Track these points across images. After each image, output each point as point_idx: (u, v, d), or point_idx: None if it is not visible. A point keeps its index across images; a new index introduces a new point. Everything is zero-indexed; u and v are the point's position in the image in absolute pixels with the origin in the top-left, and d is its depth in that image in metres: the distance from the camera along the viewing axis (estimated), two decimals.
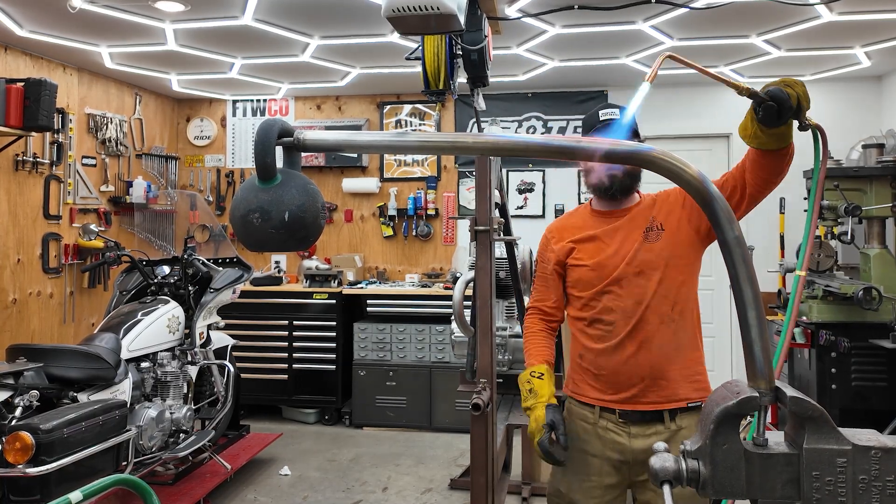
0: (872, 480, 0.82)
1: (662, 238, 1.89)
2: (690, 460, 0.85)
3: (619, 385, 1.89)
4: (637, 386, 1.87)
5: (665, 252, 1.88)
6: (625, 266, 1.89)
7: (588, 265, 1.95)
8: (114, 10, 3.71)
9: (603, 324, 1.92)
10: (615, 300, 1.90)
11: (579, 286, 1.98)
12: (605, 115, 1.95)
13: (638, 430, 1.87)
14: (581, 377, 1.99)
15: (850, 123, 5.28)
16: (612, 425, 1.90)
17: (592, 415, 1.94)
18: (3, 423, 2.66)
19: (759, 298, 0.84)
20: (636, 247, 1.90)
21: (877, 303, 3.73)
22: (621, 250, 1.91)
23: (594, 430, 1.93)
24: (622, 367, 1.88)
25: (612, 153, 0.91)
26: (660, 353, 1.87)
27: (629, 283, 1.88)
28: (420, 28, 2.55)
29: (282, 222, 1.01)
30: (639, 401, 1.87)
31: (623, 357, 1.88)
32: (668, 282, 1.87)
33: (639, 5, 3.53)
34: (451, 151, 1.01)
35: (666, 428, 1.86)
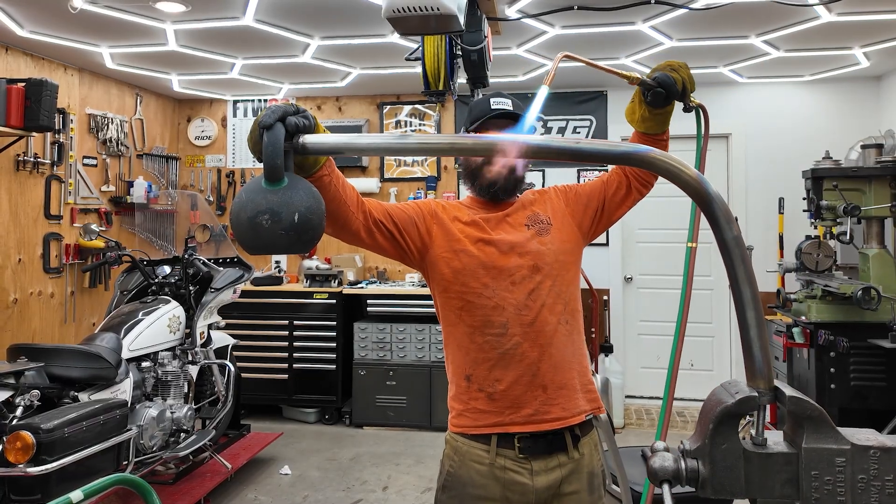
0: (871, 480, 0.82)
1: (551, 232, 1.73)
2: (689, 460, 0.86)
3: (520, 401, 1.63)
4: (539, 399, 1.63)
5: (555, 247, 1.71)
6: (517, 258, 1.67)
7: (473, 252, 1.68)
8: (114, 10, 3.71)
9: (494, 327, 1.65)
10: (507, 297, 1.65)
11: (459, 279, 1.67)
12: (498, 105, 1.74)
13: (540, 465, 1.63)
14: (470, 405, 1.68)
15: (848, 124, 5.29)
16: (511, 462, 1.63)
17: (488, 453, 1.64)
18: (4, 422, 2.66)
19: (758, 298, 0.84)
20: (527, 238, 1.70)
21: (876, 303, 3.74)
22: (509, 240, 1.70)
23: (490, 471, 1.63)
24: (523, 377, 1.64)
25: (610, 154, 0.92)
26: (561, 358, 1.66)
27: (522, 277, 1.66)
28: (420, 28, 2.56)
29: (291, 224, 1.01)
30: (542, 418, 1.63)
31: (524, 364, 1.64)
32: (560, 279, 1.70)
33: (639, 6, 3.54)
34: (451, 153, 1.01)
35: (570, 458, 1.65)
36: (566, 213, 1.78)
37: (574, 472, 1.66)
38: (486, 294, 1.66)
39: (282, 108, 1.07)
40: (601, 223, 1.81)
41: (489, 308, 1.65)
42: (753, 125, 5.45)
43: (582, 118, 5.69)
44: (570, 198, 1.81)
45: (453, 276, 1.68)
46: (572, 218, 1.78)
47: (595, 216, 1.79)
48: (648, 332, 5.76)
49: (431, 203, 1.79)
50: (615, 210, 1.79)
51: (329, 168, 1.45)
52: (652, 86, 1.56)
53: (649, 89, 1.57)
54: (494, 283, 1.66)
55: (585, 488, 1.66)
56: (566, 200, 1.81)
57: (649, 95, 1.58)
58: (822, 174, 4.08)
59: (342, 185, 1.52)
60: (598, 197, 1.79)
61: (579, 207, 1.79)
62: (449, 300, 1.71)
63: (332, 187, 1.48)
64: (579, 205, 1.79)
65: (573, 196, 1.81)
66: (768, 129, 5.44)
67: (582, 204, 1.79)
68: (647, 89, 1.58)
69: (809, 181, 4.16)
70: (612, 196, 1.78)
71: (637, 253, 5.76)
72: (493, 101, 1.75)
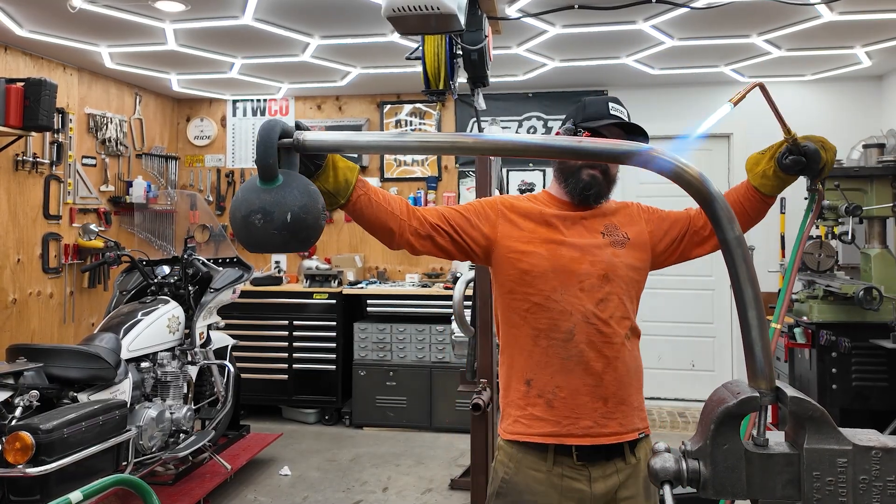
0: (873, 480, 0.82)
1: (627, 247, 1.68)
2: (691, 460, 0.85)
3: (579, 412, 1.59)
4: (599, 411, 1.60)
5: (627, 261, 1.66)
6: (589, 264, 1.62)
7: (542, 253, 1.63)
8: (114, 9, 3.71)
9: (560, 332, 1.60)
10: (576, 302, 1.60)
11: (527, 280, 1.63)
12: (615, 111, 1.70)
13: (598, 472, 1.61)
14: (527, 411, 1.63)
15: (850, 123, 5.28)
16: (569, 470, 1.60)
17: (545, 460, 1.61)
18: (3, 423, 2.66)
19: (760, 299, 0.84)
20: (601, 246, 1.65)
21: (877, 303, 3.73)
22: (582, 243, 1.65)
23: (548, 478, 1.60)
24: (585, 388, 1.60)
25: (613, 153, 0.91)
26: (626, 373, 1.63)
27: (592, 286, 1.62)
28: (420, 28, 2.55)
29: (284, 223, 1.00)
30: (600, 432, 1.60)
31: (588, 373, 1.60)
32: (628, 295, 1.66)
33: (639, 5, 3.53)
34: (451, 152, 1.01)
35: (627, 463, 1.63)
36: (644, 232, 1.73)
37: (631, 477, 1.64)
38: (553, 297, 1.61)
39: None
40: (675, 254, 1.75)
41: (556, 312, 1.61)
42: (755, 125, 5.43)
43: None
44: (653, 218, 1.76)
45: (520, 276, 1.64)
46: (650, 238, 1.73)
47: (672, 245, 1.73)
48: (649, 333, 5.72)
49: (499, 200, 1.73)
50: (693, 247, 1.73)
51: (363, 187, 1.44)
52: (800, 152, 1.51)
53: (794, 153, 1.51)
54: (563, 287, 1.61)
55: (642, 493, 1.65)
56: (647, 219, 1.76)
57: (789, 159, 1.52)
58: None
59: (384, 199, 1.50)
60: (680, 227, 1.73)
61: (659, 231, 1.74)
62: (514, 301, 1.66)
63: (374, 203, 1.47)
64: (660, 228, 1.74)
65: (656, 217, 1.76)
66: (770, 128, 5.37)
67: (662, 229, 1.74)
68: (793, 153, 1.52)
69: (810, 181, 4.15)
70: (695, 232, 1.72)
71: None
72: (611, 105, 1.71)
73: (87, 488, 1.81)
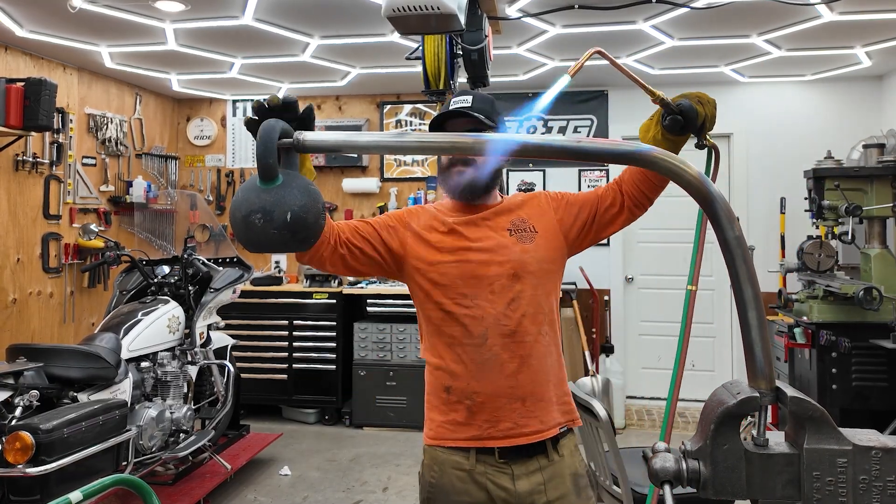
0: (873, 481, 0.82)
1: (536, 241, 1.68)
2: (691, 460, 0.85)
3: (499, 414, 1.61)
4: (517, 412, 1.61)
5: (538, 255, 1.67)
6: (497, 266, 1.63)
7: (450, 261, 1.64)
8: (114, 9, 3.71)
9: (473, 337, 1.62)
10: (486, 306, 1.62)
11: (437, 290, 1.65)
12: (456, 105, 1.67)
13: (521, 470, 1.62)
14: (449, 416, 1.65)
15: (850, 123, 5.28)
16: (492, 469, 1.62)
17: (467, 460, 1.62)
18: (3, 422, 2.66)
19: (760, 298, 0.84)
20: (508, 245, 1.66)
21: (877, 303, 3.73)
22: (488, 246, 1.66)
23: (470, 476, 1.62)
24: (502, 390, 1.60)
25: (612, 153, 0.91)
26: (540, 370, 1.63)
27: (501, 286, 1.62)
28: (420, 28, 2.56)
29: (284, 223, 1.01)
30: (520, 432, 1.61)
31: (503, 375, 1.61)
32: (541, 289, 1.66)
33: (639, 5, 3.53)
34: (451, 152, 1.01)
35: (550, 460, 1.64)
36: (554, 221, 1.73)
37: (556, 476, 1.64)
38: (464, 304, 1.63)
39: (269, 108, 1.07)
40: (588, 237, 1.75)
41: (468, 318, 1.62)
42: (755, 125, 5.44)
43: (583, 117, 5.68)
44: (561, 206, 1.76)
45: (431, 287, 1.66)
46: (559, 226, 1.73)
47: (584, 228, 1.74)
48: (649, 333, 5.75)
49: (403, 213, 1.75)
50: (605, 227, 1.74)
51: None
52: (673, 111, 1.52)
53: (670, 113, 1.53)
54: (473, 293, 1.62)
55: (571, 491, 1.65)
56: (555, 207, 1.76)
57: (668, 119, 1.54)
58: (824, 174, 4.07)
59: None
60: (589, 209, 1.73)
61: (568, 217, 1.74)
62: (428, 311, 1.68)
63: None
64: (569, 214, 1.74)
65: (564, 204, 1.76)
66: (770, 128, 5.43)
67: (572, 214, 1.74)
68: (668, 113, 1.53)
69: (811, 181, 4.16)
70: (605, 212, 1.72)
71: (638, 253, 5.75)
72: (454, 99, 1.70)
73: (87, 488, 1.81)
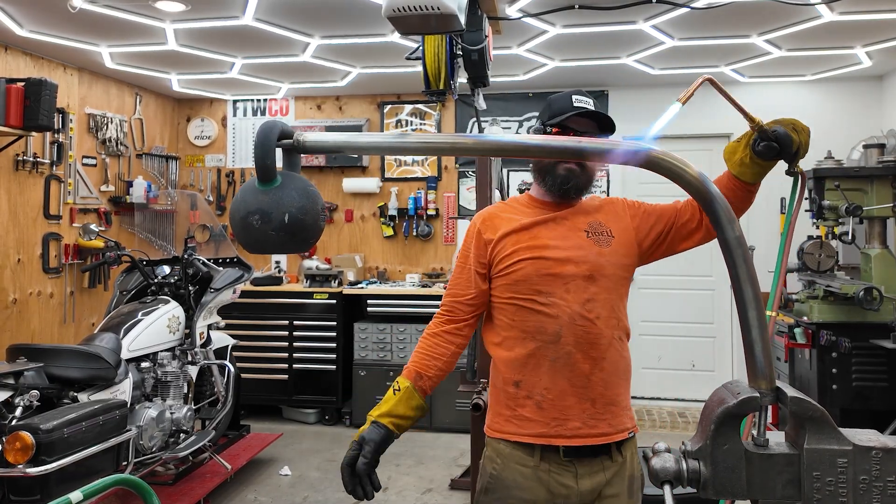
0: (873, 481, 0.82)
1: (612, 245, 1.68)
2: (691, 461, 0.85)
3: (567, 413, 1.61)
4: (587, 412, 1.61)
5: (614, 259, 1.67)
6: (573, 265, 1.64)
7: (527, 258, 1.66)
8: (114, 9, 3.71)
9: (547, 335, 1.62)
10: (561, 304, 1.62)
11: (515, 287, 1.67)
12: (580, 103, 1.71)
13: (585, 469, 1.62)
14: (517, 412, 1.65)
15: (850, 123, 5.28)
16: (556, 466, 1.62)
17: (532, 457, 1.63)
18: (4, 422, 2.66)
19: (760, 298, 0.84)
20: (585, 246, 1.66)
21: (878, 303, 3.73)
22: (565, 245, 1.66)
23: (534, 473, 1.62)
24: (572, 389, 1.61)
25: (612, 153, 0.91)
26: (613, 373, 1.64)
27: (577, 286, 1.63)
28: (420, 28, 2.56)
29: (282, 224, 1.01)
30: (588, 433, 1.61)
31: (575, 374, 1.61)
32: (615, 293, 1.67)
33: (639, 5, 3.53)
34: (452, 152, 1.01)
35: (613, 461, 1.64)
36: (630, 228, 1.73)
37: (617, 475, 1.65)
38: (539, 300, 1.64)
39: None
40: (661, 248, 1.75)
41: (543, 315, 1.63)
42: None
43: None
44: (638, 213, 1.76)
45: (508, 283, 1.68)
46: (635, 234, 1.73)
47: (658, 239, 1.73)
48: (649, 333, 5.75)
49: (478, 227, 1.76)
50: (680, 241, 1.73)
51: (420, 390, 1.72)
52: (770, 138, 1.50)
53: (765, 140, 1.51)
54: (549, 290, 1.63)
55: (625, 491, 1.66)
56: (633, 215, 1.75)
57: (761, 146, 1.51)
58: (824, 174, 4.07)
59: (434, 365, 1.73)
60: (666, 221, 1.72)
61: (644, 226, 1.74)
62: (502, 305, 1.70)
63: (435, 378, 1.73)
64: (645, 223, 1.74)
65: (641, 213, 1.76)
66: None
67: (648, 224, 1.73)
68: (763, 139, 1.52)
69: (811, 181, 4.16)
70: (682, 226, 1.71)
71: None
72: (574, 98, 1.72)
73: (88, 488, 1.81)
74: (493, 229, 1.73)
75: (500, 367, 1.70)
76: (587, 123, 1.71)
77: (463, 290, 1.74)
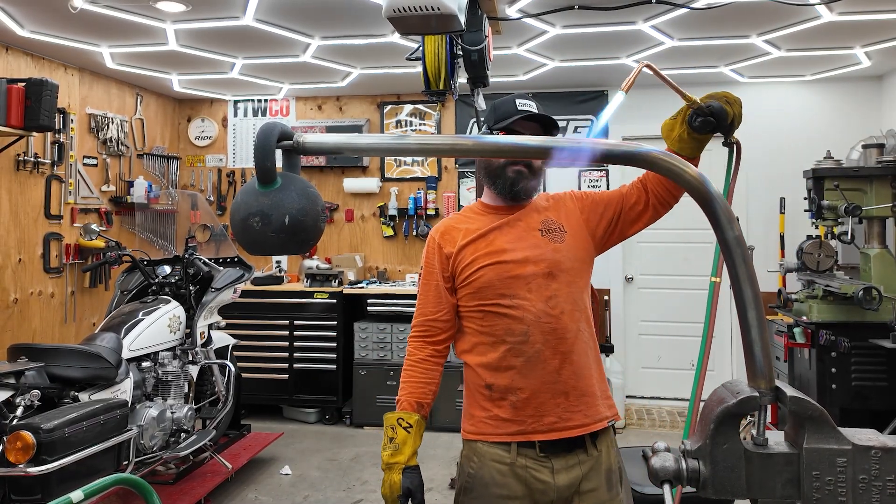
0: (872, 480, 0.82)
1: (566, 240, 1.73)
2: (690, 460, 0.85)
3: (542, 409, 1.65)
4: (561, 406, 1.65)
5: (570, 253, 1.71)
6: (532, 265, 1.68)
7: (487, 264, 1.69)
8: (115, 10, 3.71)
9: (515, 336, 1.66)
10: (525, 305, 1.66)
11: (479, 294, 1.70)
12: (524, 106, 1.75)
13: (560, 464, 1.65)
14: (492, 412, 1.69)
15: (850, 123, 5.28)
16: (532, 462, 1.65)
17: (508, 453, 1.66)
18: (5, 422, 2.66)
19: (760, 298, 0.84)
20: (541, 244, 1.71)
21: (877, 303, 3.73)
22: (522, 246, 1.70)
23: (512, 470, 1.65)
24: (545, 386, 1.65)
25: (612, 154, 0.92)
26: (582, 365, 1.68)
27: (539, 285, 1.67)
28: (420, 28, 2.56)
29: (282, 226, 1.01)
30: (564, 426, 1.65)
31: (546, 371, 1.65)
32: (575, 287, 1.71)
33: (639, 5, 3.53)
34: (452, 153, 1.01)
35: (589, 455, 1.67)
36: (580, 221, 1.78)
37: (593, 470, 1.67)
38: (504, 304, 1.68)
39: None
40: (613, 235, 1.79)
41: (510, 318, 1.67)
42: (754, 125, 5.44)
43: (583, 118, 5.69)
44: (587, 205, 1.80)
45: (472, 291, 1.72)
46: (586, 226, 1.78)
47: (609, 226, 1.78)
48: (649, 333, 5.76)
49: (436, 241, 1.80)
50: (630, 225, 1.77)
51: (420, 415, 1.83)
52: (705, 113, 1.56)
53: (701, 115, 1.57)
54: (512, 292, 1.67)
55: (604, 485, 1.68)
56: (581, 207, 1.80)
57: (698, 121, 1.57)
58: (824, 174, 4.07)
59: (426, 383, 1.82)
60: (614, 208, 1.77)
61: (594, 216, 1.78)
62: (470, 314, 1.74)
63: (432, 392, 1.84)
64: (594, 213, 1.78)
65: (589, 203, 1.80)
66: (769, 128, 5.44)
67: (598, 213, 1.78)
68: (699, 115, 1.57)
69: (810, 181, 4.16)
70: (629, 210, 1.76)
71: (638, 253, 5.76)
72: (518, 102, 1.76)
73: (88, 487, 1.82)
74: (452, 242, 1.77)
75: (472, 372, 1.75)
76: (532, 126, 1.75)
77: (434, 308, 1.79)
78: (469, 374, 1.77)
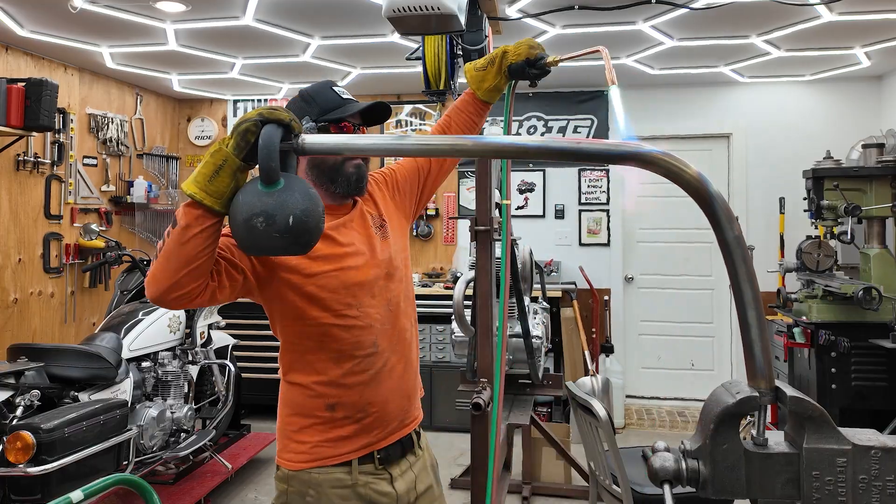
0: (872, 480, 0.82)
1: (391, 234, 1.63)
2: (690, 460, 0.85)
3: (389, 416, 1.56)
4: (403, 409, 1.60)
5: (398, 246, 1.63)
6: (375, 268, 1.55)
7: (329, 270, 1.49)
8: (115, 10, 3.71)
9: (365, 348, 1.52)
10: (372, 312, 1.53)
11: (316, 304, 1.48)
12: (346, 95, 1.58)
13: (397, 471, 1.59)
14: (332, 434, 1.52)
15: (850, 123, 5.28)
16: (372, 477, 1.54)
17: (349, 475, 1.52)
18: (5, 422, 2.66)
19: (759, 298, 0.84)
20: (376, 244, 1.58)
21: (877, 303, 3.73)
22: (362, 248, 1.55)
23: (353, 492, 1.52)
24: (393, 393, 1.56)
25: (613, 154, 0.92)
26: (414, 360, 1.64)
27: (380, 288, 1.55)
28: (420, 28, 2.56)
29: (286, 227, 1.00)
30: (403, 423, 1.60)
31: (393, 378, 1.56)
32: (405, 280, 1.63)
33: (639, 5, 3.53)
34: (451, 154, 1.01)
35: (417, 456, 1.65)
36: (393, 207, 1.71)
37: (422, 470, 1.67)
38: (350, 314, 1.50)
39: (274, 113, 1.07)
40: (423, 202, 1.79)
41: (357, 329, 1.51)
42: (754, 125, 5.45)
43: (583, 117, 5.69)
44: (395, 192, 1.73)
45: (308, 302, 1.48)
46: (398, 210, 1.72)
47: (416, 200, 1.78)
48: (649, 333, 5.76)
49: None
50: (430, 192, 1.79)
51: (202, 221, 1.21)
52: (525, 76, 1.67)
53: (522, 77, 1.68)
54: (357, 301, 1.51)
55: (434, 481, 1.70)
56: (391, 195, 1.72)
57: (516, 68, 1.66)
58: (823, 174, 4.07)
59: None
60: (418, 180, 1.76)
61: (403, 200, 1.74)
62: (306, 328, 1.51)
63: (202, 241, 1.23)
64: (401, 195, 1.74)
65: (393, 185, 1.73)
66: (769, 128, 5.44)
67: (405, 192, 1.74)
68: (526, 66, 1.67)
69: (810, 181, 4.16)
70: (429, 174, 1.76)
71: (638, 253, 5.76)
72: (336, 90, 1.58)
73: (88, 487, 1.81)
74: None
75: (303, 394, 1.56)
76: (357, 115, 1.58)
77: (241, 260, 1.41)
78: (298, 394, 1.57)
